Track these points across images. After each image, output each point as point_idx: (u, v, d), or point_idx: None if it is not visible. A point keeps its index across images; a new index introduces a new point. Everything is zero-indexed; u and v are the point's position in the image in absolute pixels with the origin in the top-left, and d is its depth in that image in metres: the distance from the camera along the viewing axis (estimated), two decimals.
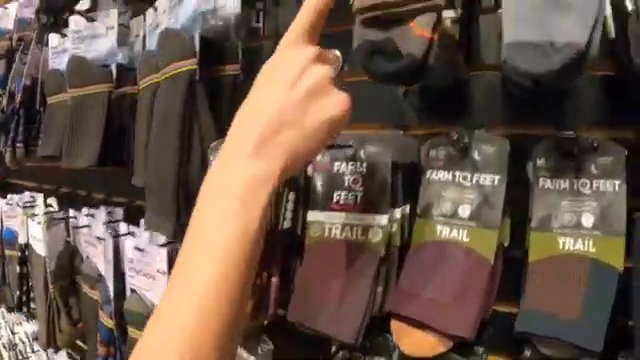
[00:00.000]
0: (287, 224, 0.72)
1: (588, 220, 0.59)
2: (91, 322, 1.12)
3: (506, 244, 0.63)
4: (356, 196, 0.66)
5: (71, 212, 1.22)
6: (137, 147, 0.96)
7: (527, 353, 0.60)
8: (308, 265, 0.68)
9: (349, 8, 0.60)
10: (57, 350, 1.28)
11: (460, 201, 0.64)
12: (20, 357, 1.59)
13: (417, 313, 0.62)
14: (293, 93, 0.40)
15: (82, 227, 1.13)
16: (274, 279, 0.72)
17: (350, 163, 0.67)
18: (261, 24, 0.95)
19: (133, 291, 0.97)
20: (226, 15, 0.85)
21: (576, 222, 0.59)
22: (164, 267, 0.86)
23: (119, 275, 0.99)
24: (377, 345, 0.72)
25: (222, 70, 0.83)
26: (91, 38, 1.05)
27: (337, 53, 0.47)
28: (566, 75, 0.49)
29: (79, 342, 1.26)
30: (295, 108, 0.40)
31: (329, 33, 0.55)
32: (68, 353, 1.38)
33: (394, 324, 0.64)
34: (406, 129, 0.79)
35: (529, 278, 0.59)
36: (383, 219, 0.65)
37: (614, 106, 0.62)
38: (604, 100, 0.64)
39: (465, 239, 0.63)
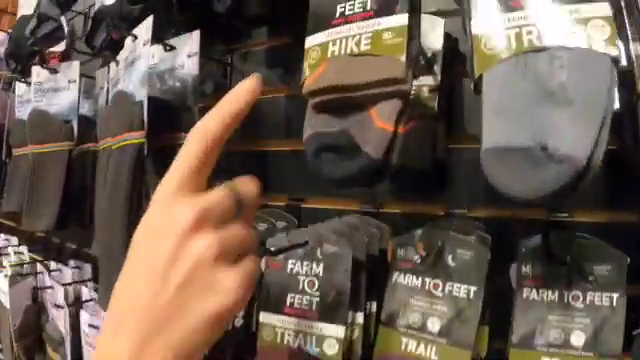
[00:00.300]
0: (239, 322, 0.63)
1: (579, 339, 0.50)
2: None
3: (483, 355, 0.54)
4: (311, 301, 0.57)
5: (39, 267, 1.14)
6: (96, 212, 0.88)
7: None
8: None
9: None
10: None
11: (430, 313, 0.55)
12: None
13: None
14: (162, 291, 0.31)
15: (45, 288, 1.05)
16: None
17: (305, 263, 0.58)
18: (228, 80, 0.87)
19: None
20: (184, 76, 0.76)
21: (564, 340, 0.50)
22: None
23: (78, 345, 0.91)
24: None
25: (177, 138, 0.74)
26: (53, 91, 0.97)
27: (251, 190, 0.36)
28: (560, 196, 0.39)
29: None
30: (168, 308, 0.30)
31: None
32: None
33: None
34: (380, 207, 0.70)
35: None
36: (339, 330, 0.56)
37: (615, 185, 0.53)
38: (604, 178, 0.54)
39: (434, 357, 0.54)
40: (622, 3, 0.40)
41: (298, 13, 0.58)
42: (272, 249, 0.57)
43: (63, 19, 1.16)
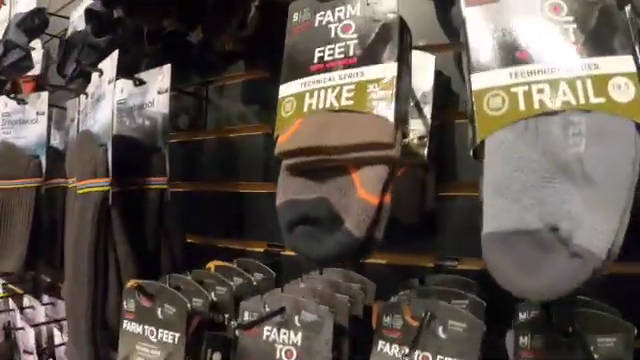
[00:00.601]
0: None
1: None
2: None
3: None
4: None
5: (11, 303, 1.07)
6: (65, 253, 0.81)
7: None
8: None
9: None
10: None
11: None
12: None
13: None
14: None
15: (17, 329, 0.98)
16: None
17: (283, 331, 0.52)
18: (203, 114, 0.80)
19: None
20: (154, 115, 0.70)
21: None
22: None
23: None
24: None
25: (146, 183, 0.68)
26: (21, 123, 0.91)
27: None
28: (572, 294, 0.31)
29: None
30: None
31: None
32: None
33: None
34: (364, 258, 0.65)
35: None
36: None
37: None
38: None
39: None
40: None
41: (277, 48, 0.51)
42: (245, 321, 0.51)
43: (37, 42, 1.09)
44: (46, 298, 1.05)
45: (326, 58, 0.46)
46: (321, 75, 0.45)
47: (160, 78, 0.70)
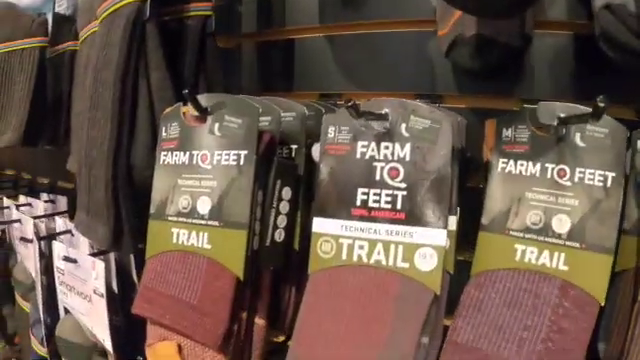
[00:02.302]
0: (279, 236, 0.41)
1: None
2: (26, 338, 0.80)
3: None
4: (394, 197, 0.36)
5: (5, 200, 0.88)
6: (73, 119, 0.64)
7: None
8: (313, 305, 0.38)
9: None
10: None
11: (554, 209, 0.35)
12: None
13: None
14: None
15: (11, 222, 0.79)
16: (259, 321, 0.42)
17: (384, 144, 0.37)
18: None
19: (68, 311, 0.65)
20: None
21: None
22: (101, 287, 0.54)
23: (51, 289, 0.67)
24: None
25: (186, 10, 0.51)
26: None
27: None
28: None
29: None
30: None
31: None
32: None
33: None
34: (440, 101, 0.50)
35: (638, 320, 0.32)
36: (439, 235, 0.35)
37: None
38: None
39: (562, 267, 0.34)
40: None
41: None
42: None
43: None
44: (45, 196, 0.86)
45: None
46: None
47: None
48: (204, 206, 0.40)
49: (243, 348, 0.40)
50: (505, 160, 0.38)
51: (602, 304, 0.34)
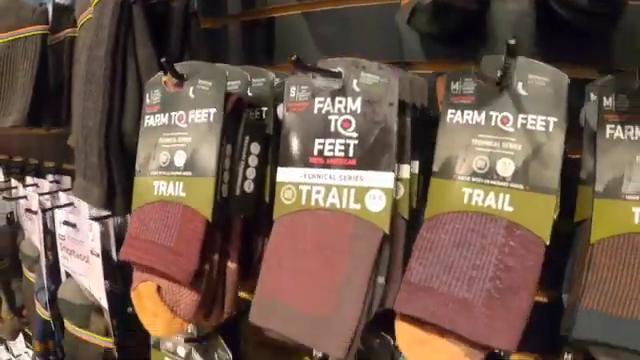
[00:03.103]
0: (248, 187, 0.44)
1: None
2: (32, 305, 0.83)
3: (555, 216, 0.37)
4: (347, 145, 0.39)
5: (13, 182, 0.92)
6: (74, 99, 0.67)
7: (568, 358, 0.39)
8: (278, 246, 0.41)
9: None
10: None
11: (499, 154, 0.38)
12: None
13: (435, 314, 0.36)
14: None
15: (18, 198, 0.83)
16: (231, 265, 0.45)
17: (338, 99, 0.40)
18: None
19: (69, 275, 0.68)
20: None
21: None
22: (97, 247, 0.57)
23: (54, 256, 0.70)
24: (373, 350, 0.47)
25: None
26: None
27: None
28: None
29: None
30: None
31: None
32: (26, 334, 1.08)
33: (400, 327, 0.39)
34: (410, 68, 0.53)
35: (590, 265, 0.35)
36: (387, 179, 0.38)
37: None
38: None
39: (507, 208, 0.37)
40: None
41: None
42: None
43: None
44: (50, 177, 0.90)
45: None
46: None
47: None
48: (180, 159, 0.43)
49: (216, 289, 0.43)
50: (453, 111, 0.40)
51: (547, 243, 0.35)
